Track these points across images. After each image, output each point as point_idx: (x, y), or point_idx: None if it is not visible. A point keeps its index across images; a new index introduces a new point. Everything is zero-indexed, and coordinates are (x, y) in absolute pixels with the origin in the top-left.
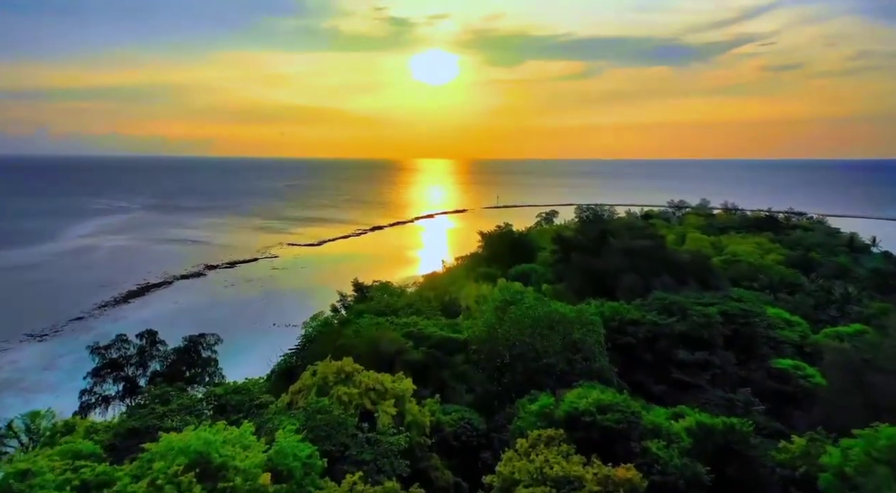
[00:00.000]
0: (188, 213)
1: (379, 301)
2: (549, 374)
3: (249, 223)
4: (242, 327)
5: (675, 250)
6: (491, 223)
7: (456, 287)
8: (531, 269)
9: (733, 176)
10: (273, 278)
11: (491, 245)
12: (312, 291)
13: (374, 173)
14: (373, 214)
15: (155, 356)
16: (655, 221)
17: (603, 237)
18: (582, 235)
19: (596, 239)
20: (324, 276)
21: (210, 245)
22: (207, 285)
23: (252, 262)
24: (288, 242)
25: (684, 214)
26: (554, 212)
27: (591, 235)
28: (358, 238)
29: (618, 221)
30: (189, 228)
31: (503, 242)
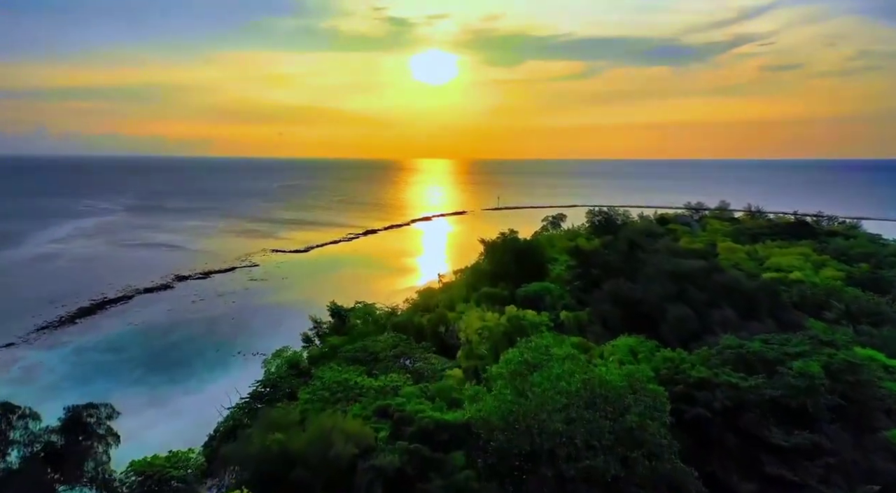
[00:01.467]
0: (172, 215)
1: (358, 331)
2: (595, 482)
3: (234, 226)
4: (201, 355)
5: (735, 273)
6: (491, 226)
7: (454, 311)
8: (544, 289)
9: (735, 176)
10: (248, 291)
11: (494, 256)
12: (289, 308)
13: (371, 174)
14: (367, 217)
15: (14, 443)
16: (674, 226)
17: (631, 251)
18: (607, 248)
19: (625, 254)
20: (305, 289)
21: (186, 251)
22: (173, 299)
23: (229, 271)
24: (272, 247)
25: (703, 217)
26: (561, 215)
27: (618, 249)
28: (349, 243)
29: (636, 227)
30: (168, 232)
31: (508, 253)
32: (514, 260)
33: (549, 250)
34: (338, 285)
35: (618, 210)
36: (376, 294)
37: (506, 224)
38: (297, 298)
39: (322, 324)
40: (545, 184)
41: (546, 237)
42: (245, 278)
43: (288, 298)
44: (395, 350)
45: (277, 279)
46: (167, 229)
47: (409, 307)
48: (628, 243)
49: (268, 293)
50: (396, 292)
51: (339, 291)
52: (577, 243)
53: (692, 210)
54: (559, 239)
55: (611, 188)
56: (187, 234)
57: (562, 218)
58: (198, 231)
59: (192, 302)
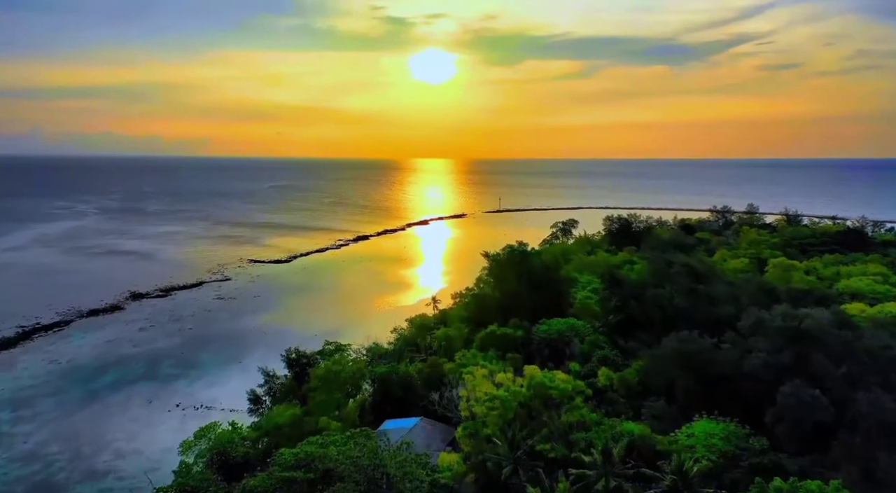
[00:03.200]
0: (150, 218)
1: (318, 402)
2: None
3: (214, 232)
4: (123, 413)
5: (878, 333)
6: (493, 231)
7: (453, 360)
8: (570, 328)
9: (736, 176)
10: (210, 315)
11: (502, 279)
12: (253, 339)
13: (368, 174)
14: (359, 221)
15: None
16: (704, 235)
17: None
18: (655, 276)
19: (686, 292)
20: (277, 311)
21: (153, 262)
22: (118, 325)
23: (195, 287)
24: (251, 257)
25: (731, 222)
26: (572, 221)
27: (678, 283)
28: (338, 251)
29: (663, 237)
30: (139, 239)
31: (519, 276)
32: (527, 285)
33: (566, 267)
34: (315, 307)
35: (638, 215)
36: (359, 318)
37: (508, 228)
38: (265, 324)
39: (276, 379)
40: (546, 184)
41: (559, 248)
42: (211, 296)
43: (254, 324)
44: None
45: (248, 298)
46: (139, 235)
47: (396, 341)
48: (691, 275)
49: (232, 317)
50: (384, 317)
51: (315, 314)
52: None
53: (718, 214)
54: (574, 250)
55: (615, 189)
56: (160, 241)
57: (573, 224)
58: (172, 238)
59: (139, 330)
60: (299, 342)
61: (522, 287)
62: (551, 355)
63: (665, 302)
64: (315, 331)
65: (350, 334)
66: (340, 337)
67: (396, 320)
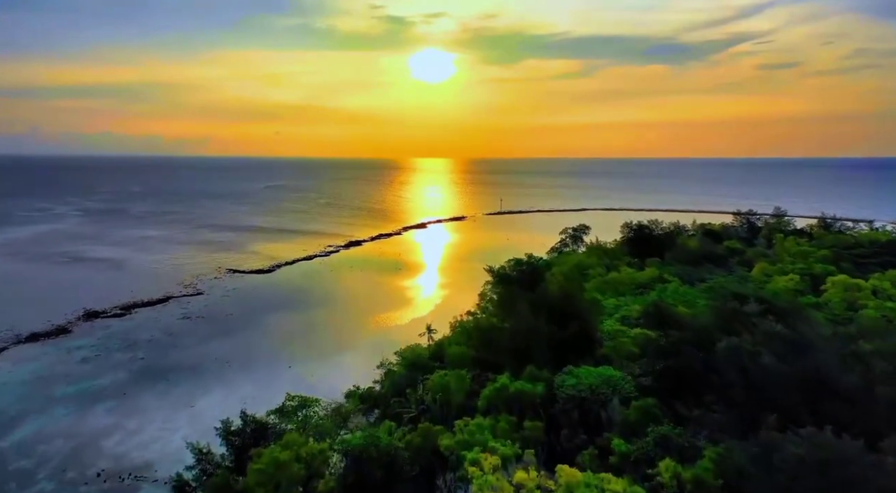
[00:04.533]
0: (131, 221)
1: None
2: None
3: (196, 237)
4: (34, 483)
5: None
6: (495, 235)
7: (450, 422)
8: (606, 381)
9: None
10: (170, 339)
11: (511, 305)
12: (212, 376)
13: (366, 174)
14: (352, 224)
15: None
16: (733, 244)
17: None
18: (721, 317)
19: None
20: (246, 337)
21: (123, 271)
22: (57, 354)
23: (161, 304)
24: (231, 266)
25: (757, 228)
26: (583, 227)
27: (762, 332)
28: (327, 259)
29: (690, 248)
30: (114, 245)
31: (531, 302)
32: (544, 317)
33: (586, 284)
34: (293, 330)
35: (658, 221)
36: (342, 344)
37: (511, 232)
38: (232, 353)
39: (210, 459)
40: (547, 184)
41: (573, 262)
42: (176, 315)
43: (219, 352)
44: None
45: (218, 317)
46: (114, 241)
47: (383, 381)
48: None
49: (195, 343)
50: (371, 342)
51: (291, 340)
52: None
53: (741, 218)
54: (590, 262)
55: (618, 189)
56: (135, 247)
57: (584, 230)
58: (149, 243)
59: (81, 361)
60: (267, 379)
61: (539, 321)
62: (582, 419)
63: (748, 361)
64: (289, 361)
65: (329, 367)
66: (317, 371)
67: (385, 347)
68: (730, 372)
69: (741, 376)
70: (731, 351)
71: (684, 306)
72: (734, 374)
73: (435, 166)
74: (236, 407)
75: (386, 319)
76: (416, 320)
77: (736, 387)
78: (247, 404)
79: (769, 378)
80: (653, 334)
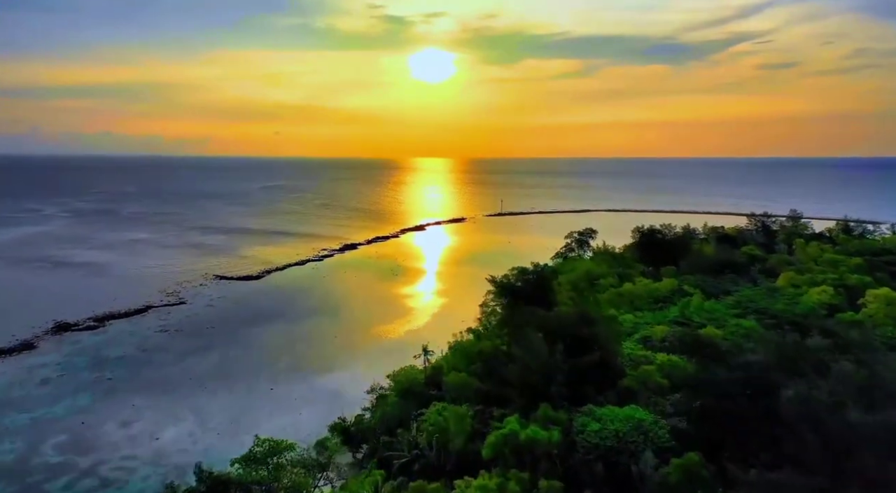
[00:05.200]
0: (120, 223)
1: None
2: None
3: (185, 239)
4: None
5: None
6: (496, 238)
7: (448, 476)
8: (636, 427)
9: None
10: (143, 357)
11: (518, 330)
12: (183, 402)
13: (365, 174)
14: (349, 226)
15: None
16: (750, 250)
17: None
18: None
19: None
20: (225, 354)
21: (104, 278)
22: (18, 373)
23: (139, 314)
24: (218, 271)
25: (771, 231)
26: (590, 231)
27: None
28: (320, 263)
29: (708, 256)
30: (100, 248)
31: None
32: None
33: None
34: (277, 345)
35: (671, 225)
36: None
37: (513, 235)
38: (207, 373)
39: None
40: (548, 184)
41: (582, 269)
42: (154, 328)
43: (194, 371)
44: None
45: (198, 331)
46: (99, 244)
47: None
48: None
49: (169, 362)
50: (361, 361)
51: (274, 357)
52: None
53: (756, 221)
54: (600, 270)
55: (620, 190)
56: (120, 251)
57: (590, 234)
58: (136, 247)
59: (40, 383)
60: (245, 404)
61: (553, 351)
62: (608, 473)
63: (825, 415)
64: (271, 381)
65: (315, 390)
66: (303, 394)
67: (378, 365)
68: (799, 427)
69: (815, 433)
70: (802, 402)
71: (713, 325)
72: (806, 430)
73: (434, 166)
74: (207, 441)
75: (380, 332)
76: (412, 331)
77: (810, 447)
78: (219, 436)
79: (856, 439)
80: (685, 363)
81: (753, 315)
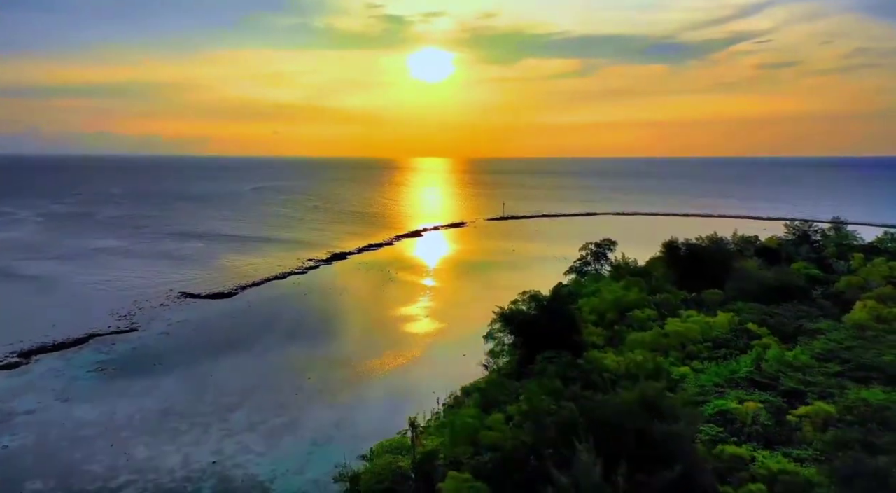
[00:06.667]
0: (93, 228)
1: None
2: None
3: (157, 247)
4: None
5: None
6: (499, 245)
7: None
8: None
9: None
10: (61, 410)
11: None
12: (90, 489)
13: (364, 174)
14: (340, 232)
15: None
16: (803, 267)
17: None
18: None
19: None
20: (171, 406)
21: (52, 294)
22: None
23: (77, 345)
24: (186, 287)
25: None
26: (608, 243)
27: None
28: (303, 277)
29: (763, 278)
30: (57, 258)
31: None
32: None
33: (644, 351)
34: (238, 390)
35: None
36: (293, 421)
37: (517, 242)
38: (132, 437)
39: None
40: (549, 185)
41: (611, 297)
42: (88, 366)
43: (119, 434)
44: None
45: (142, 369)
46: (61, 253)
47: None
48: None
49: (88, 422)
50: (327, 424)
51: (231, 409)
52: None
53: (795, 228)
54: (633, 297)
55: (625, 191)
56: (82, 261)
57: (608, 245)
58: (100, 257)
59: None
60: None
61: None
62: None
63: None
64: (216, 448)
65: (267, 471)
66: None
67: (353, 429)
68: None
69: None
70: None
71: (813, 393)
72: None
73: (434, 166)
74: None
75: (362, 370)
76: (401, 372)
77: None
78: None
79: None
80: (817, 478)
81: (853, 371)
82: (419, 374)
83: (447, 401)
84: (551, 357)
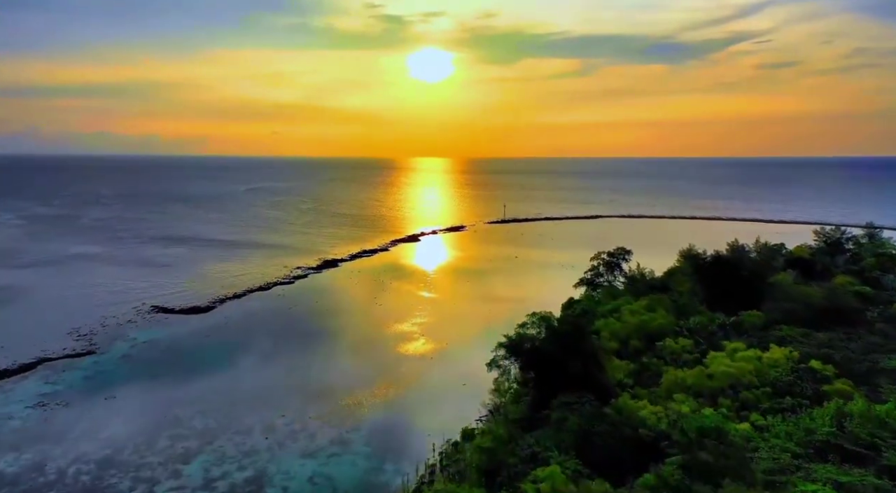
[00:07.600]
0: (74, 232)
1: None
2: None
3: (137, 254)
4: None
5: None
6: (501, 251)
7: None
8: None
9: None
10: None
11: None
12: None
13: (363, 174)
14: (334, 235)
15: None
16: (847, 281)
17: None
18: None
19: None
20: (108, 451)
21: (8, 308)
22: None
23: (22, 373)
24: (160, 299)
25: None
26: (623, 252)
27: None
28: (290, 287)
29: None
30: (28, 266)
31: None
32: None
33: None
34: (185, 440)
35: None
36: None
37: (520, 248)
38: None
39: None
40: (550, 185)
41: (636, 324)
42: (27, 401)
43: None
44: None
45: (89, 402)
46: (35, 260)
47: None
48: None
49: (5, 483)
50: (299, 475)
51: (186, 455)
52: None
53: (824, 234)
54: (661, 320)
55: (626, 191)
56: (54, 269)
57: (623, 255)
58: (75, 264)
59: None
60: None
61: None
62: None
63: None
64: None
65: None
66: None
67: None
68: None
69: None
70: None
71: None
72: None
73: (433, 166)
74: None
75: (343, 409)
76: (387, 408)
77: None
78: None
79: None
80: None
81: None
82: (412, 410)
83: (444, 448)
84: (571, 404)
